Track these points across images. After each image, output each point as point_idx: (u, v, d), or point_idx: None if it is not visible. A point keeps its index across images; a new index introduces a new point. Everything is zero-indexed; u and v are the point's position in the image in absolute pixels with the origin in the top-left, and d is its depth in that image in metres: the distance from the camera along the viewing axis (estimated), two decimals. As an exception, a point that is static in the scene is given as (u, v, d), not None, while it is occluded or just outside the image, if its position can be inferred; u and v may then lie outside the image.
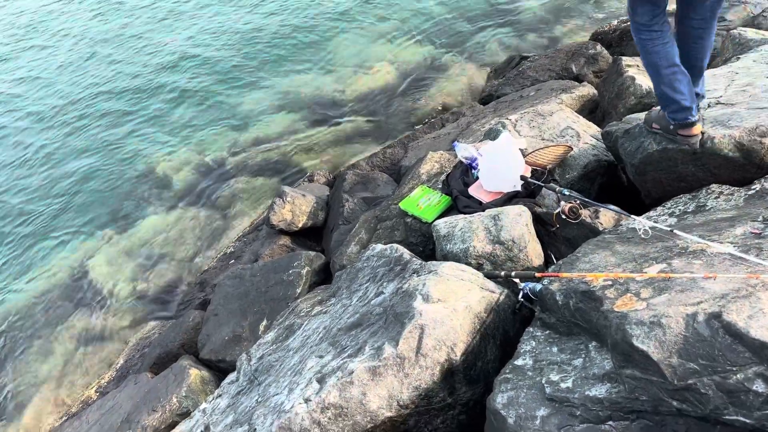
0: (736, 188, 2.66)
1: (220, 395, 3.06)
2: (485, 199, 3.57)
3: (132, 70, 9.92)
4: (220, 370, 3.99)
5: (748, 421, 1.60)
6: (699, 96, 2.97)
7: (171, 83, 9.26)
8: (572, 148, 3.71)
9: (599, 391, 1.92)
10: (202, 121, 8.12)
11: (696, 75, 2.89)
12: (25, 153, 8.85)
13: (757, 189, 2.56)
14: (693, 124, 2.78)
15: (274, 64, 8.94)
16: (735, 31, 4.43)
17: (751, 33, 4.28)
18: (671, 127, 2.86)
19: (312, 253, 4.43)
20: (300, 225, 5.14)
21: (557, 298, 2.29)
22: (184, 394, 3.61)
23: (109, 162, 8.05)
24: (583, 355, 2.10)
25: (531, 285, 2.58)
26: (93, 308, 6.03)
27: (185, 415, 3.41)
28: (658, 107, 2.98)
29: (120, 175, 7.74)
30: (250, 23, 10.18)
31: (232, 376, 3.15)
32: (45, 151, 8.67)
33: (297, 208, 5.16)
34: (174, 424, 3.30)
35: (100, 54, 10.81)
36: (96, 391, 4.87)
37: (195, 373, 3.77)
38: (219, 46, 9.85)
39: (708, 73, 3.80)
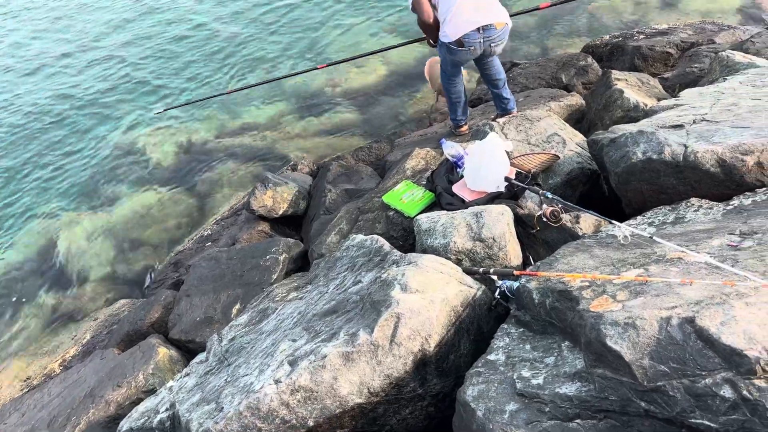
0: (715, 203, 2.70)
1: (188, 374, 3.01)
2: (468, 197, 3.58)
3: (123, 45, 9.79)
4: (189, 351, 3.94)
5: (712, 425, 1.62)
6: (506, 99, 4.57)
7: (160, 67, 9.16)
8: (559, 157, 3.73)
9: (569, 389, 1.93)
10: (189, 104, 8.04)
11: (501, 86, 4.51)
12: (6, 119, 8.68)
13: (736, 205, 2.60)
14: (463, 126, 4.77)
15: (266, 53, 8.88)
16: (723, 53, 4.50)
17: (738, 56, 4.35)
18: (453, 129, 4.82)
19: (291, 240, 4.40)
20: (280, 212, 5.10)
21: (534, 296, 2.30)
22: (150, 372, 3.55)
23: (91, 137, 7.94)
24: (556, 354, 2.11)
25: (508, 283, 2.59)
26: (63, 283, 5.94)
27: (151, 392, 3.36)
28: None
29: (101, 152, 7.63)
30: (244, 11, 10.11)
31: (201, 356, 3.11)
32: (26, 122, 8.51)
33: (278, 195, 5.13)
34: (138, 401, 3.24)
35: (89, 25, 10.65)
36: (60, 365, 4.78)
37: (163, 352, 3.72)
38: (212, 31, 9.76)
39: (695, 92, 3.89)
